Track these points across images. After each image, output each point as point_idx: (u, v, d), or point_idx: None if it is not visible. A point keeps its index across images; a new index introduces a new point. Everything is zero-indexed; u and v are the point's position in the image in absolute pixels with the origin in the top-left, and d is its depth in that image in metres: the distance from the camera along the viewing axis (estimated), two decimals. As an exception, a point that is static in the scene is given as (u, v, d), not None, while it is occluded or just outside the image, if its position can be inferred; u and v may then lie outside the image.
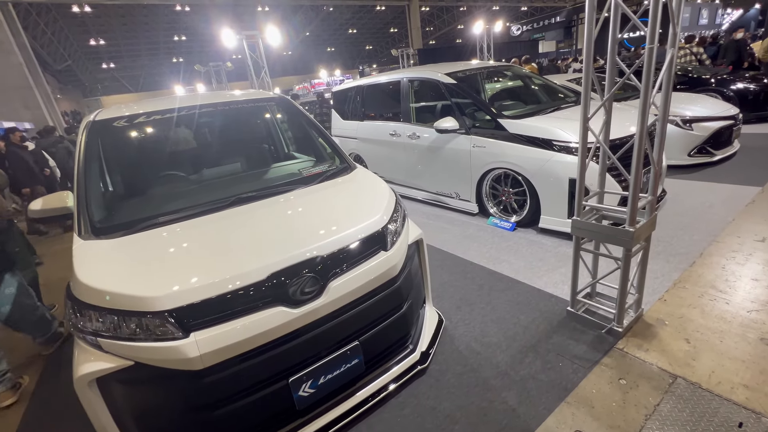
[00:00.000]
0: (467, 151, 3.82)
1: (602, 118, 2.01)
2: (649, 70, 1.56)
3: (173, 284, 1.33)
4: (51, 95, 16.32)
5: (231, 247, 1.54)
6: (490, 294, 2.61)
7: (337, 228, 1.67)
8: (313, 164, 2.44)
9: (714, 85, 6.51)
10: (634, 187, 1.76)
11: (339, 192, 2.06)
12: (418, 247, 2.10)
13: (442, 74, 4.05)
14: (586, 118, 1.87)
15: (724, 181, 3.98)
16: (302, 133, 2.78)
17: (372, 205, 1.89)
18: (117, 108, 2.47)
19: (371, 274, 1.64)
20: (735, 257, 2.60)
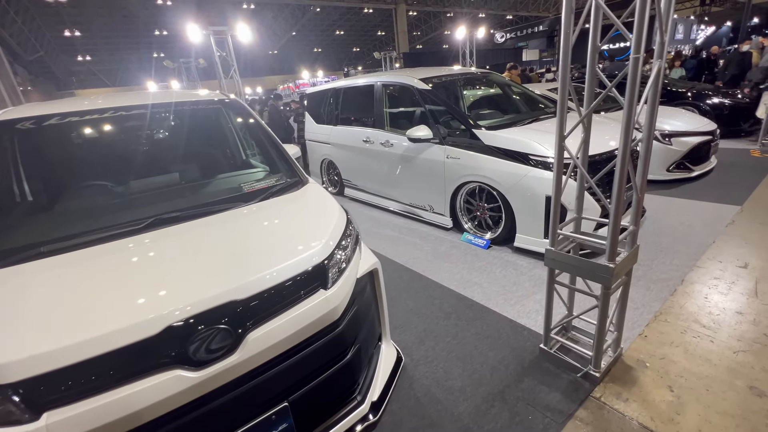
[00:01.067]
0: (441, 162, 3.58)
1: (580, 135, 1.78)
2: (634, 84, 1.34)
3: (22, 346, 1.01)
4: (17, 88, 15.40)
5: (121, 288, 1.22)
6: (457, 325, 2.35)
7: (265, 262, 1.38)
8: (258, 178, 2.13)
9: (691, 99, 6.52)
10: (615, 217, 1.54)
11: (280, 214, 1.76)
12: (372, 278, 1.82)
13: (416, 79, 3.81)
14: (562, 137, 1.64)
15: (703, 198, 3.87)
16: (252, 142, 2.47)
17: (315, 231, 1.60)
18: (27, 107, 2.10)
19: (305, 320, 1.35)
20: (717, 285, 2.43)
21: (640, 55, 1.29)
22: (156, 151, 2.36)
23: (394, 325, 2.40)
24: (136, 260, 1.36)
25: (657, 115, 4.67)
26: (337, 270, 1.52)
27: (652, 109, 1.52)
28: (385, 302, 1.91)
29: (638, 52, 1.28)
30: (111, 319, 1.11)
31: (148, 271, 1.31)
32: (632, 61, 1.31)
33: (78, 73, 36.53)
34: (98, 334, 1.06)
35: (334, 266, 1.52)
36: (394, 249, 3.54)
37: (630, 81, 1.33)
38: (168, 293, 1.21)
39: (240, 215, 1.71)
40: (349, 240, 1.71)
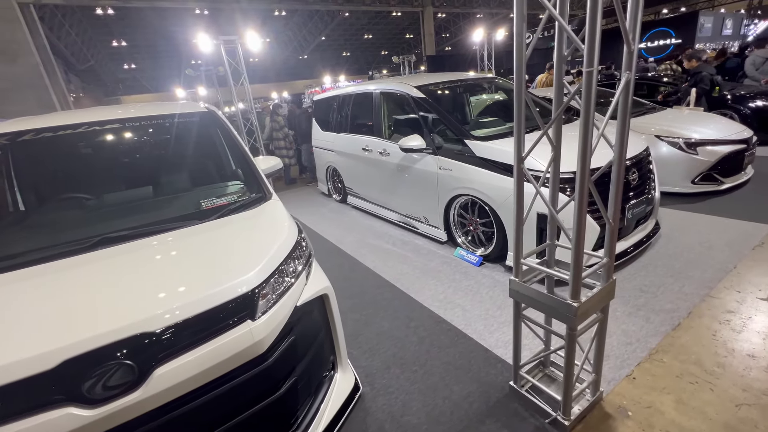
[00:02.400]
0: (434, 173, 3.42)
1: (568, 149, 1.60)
2: (588, 100, 1.16)
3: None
4: (67, 95, 16.67)
5: (25, 319, 1.20)
6: (429, 351, 2.20)
7: (187, 292, 1.31)
8: (220, 194, 2.09)
9: (730, 102, 5.94)
10: (577, 248, 1.35)
11: (225, 235, 1.70)
12: (323, 303, 1.72)
13: (411, 86, 3.68)
14: (520, 157, 1.47)
15: (731, 215, 3.47)
16: (223, 155, 2.44)
17: (252, 256, 1.52)
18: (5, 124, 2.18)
19: (222, 355, 1.27)
20: (730, 321, 2.13)
21: (594, 69, 1.11)
22: (121, 168, 2.34)
23: (364, 349, 2.29)
24: (52, 286, 1.34)
25: (678, 119, 4.25)
26: (270, 299, 1.44)
27: (623, 126, 1.32)
28: (339, 328, 1.80)
29: (591, 65, 1.10)
30: (3, 351, 1.07)
31: (61, 299, 1.27)
32: (585, 77, 1.13)
33: (124, 81, 39.06)
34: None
35: (266, 295, 1.43)
36: (384, 262, 3.42)
37: (584, 97, 1.16)
38: (72, 324, 1.17)
39: (185, 236, 1.67)
40: (294, 264, 1.62)
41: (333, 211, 5.28)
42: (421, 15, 21.38)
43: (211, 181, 2.30)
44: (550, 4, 1.20)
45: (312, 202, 5.88)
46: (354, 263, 3.50)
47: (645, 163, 2.99)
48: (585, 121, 1.18)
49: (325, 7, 21.70)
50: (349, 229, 4.40)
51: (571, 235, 1.35)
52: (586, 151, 1.22)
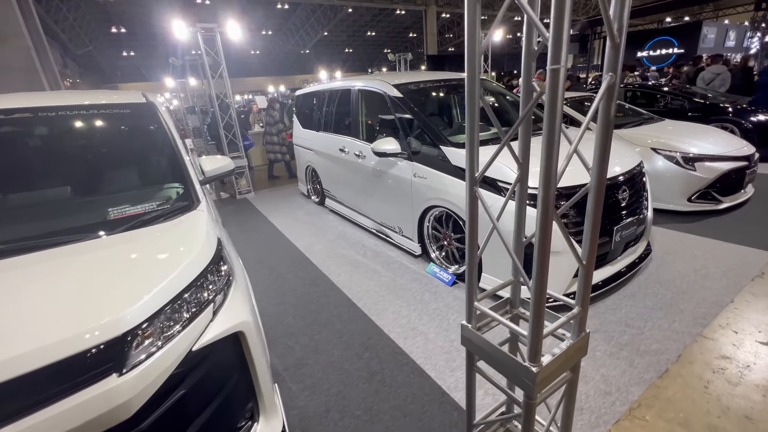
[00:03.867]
0: (409, 180, 3.13)
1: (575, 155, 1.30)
2: (553, 105, 0.86)
3: None
4: (60, 80, 16.25)
5: None
6: (378, 391, 1.90)
7: (27, 336, 1.01)
8: (138, 201, 1.78)
9: (731, 115, 5.69)
10: (537, 304, 1.05)
11: (120, 254, 1.39)
12: (240, 341, 1.42)
13: (389, 85, 3.38)
14: (474, 179, 1.17)
15: (730, 238, 3.19)
16: (152, 155, 2.13)
17: (139, 285, 1.22)
18: None
19: (66, 424, 0.97)
20: (726, 370, 1.85)
21: (561, 66, 0.81)
22: (22, 166, 1.98)
23: (305, 384, 1.99)
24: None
25: (677, 132, 3.94)
26: (152, 344, 1.13)
27: (604, 141, 1.03)
28: (262, 370, 1.50)
29: (557, 62, 0.81)
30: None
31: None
32: (550, 75, 0.83)
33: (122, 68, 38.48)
34: None
35: (146, 339, 1.13)
36: (350, 277, 3.12)
37: (548, 102, 0.86)
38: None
39: (69, 254, 1.36)
40: (199, 295, 1.32)
41: (310, 214, 4.97)
42: (424, 14, 21.07)
43: (130, 186, 1.98)
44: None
45: (290, 203, 5.57)
46: (318, 276, 3.19)
47: (638, 179, 2.70)
48: (549, 132, 0.89)
49: (328, 1, 21.37)
50: (321, 236, 4.10)
51: (531, 277, 1.05)
52: (550, 172, 0.92)
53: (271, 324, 2.54)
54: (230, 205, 5.80)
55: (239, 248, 4.03)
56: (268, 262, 3.56)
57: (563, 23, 0.78)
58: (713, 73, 6.85)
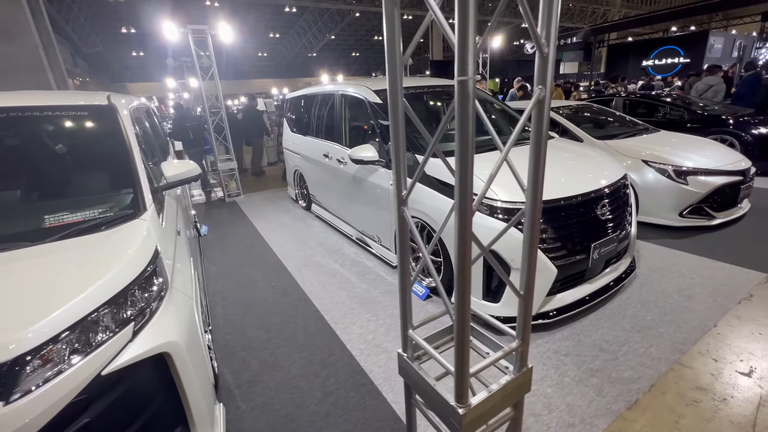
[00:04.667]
0: (386, 188, 3.04)
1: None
2: (464, 119, 0.77)
3: None
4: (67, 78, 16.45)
5: None
6: (329, 415, 1.80)
7: None
8: (80, 207, 1.70)
9: (732, 127, 5.53)
10: (460, 337, 0.95)
11: (43, 265, 1.31)
12: (167, 363, 1.32)
13: (370, 91, 3.30)
14: (401, 199, 1.08)
15: (720, 256, 3.05)
16: (105, 160, 2.05)
17: (45, 302, 1.13)
18: None
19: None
20: (700, 402, 1.72)
21: (469, 78, 0.72)
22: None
23: (256, 403, 1.89)
24: None
25: (671, 144, 3.82)
26: (48, 369, 1.05)
27: (537, 161, 0.93)
28: (195, 393, 1.40)
29: (464, 73, 0.71)
30: None
31: None
32: (458, 88, 0.73)
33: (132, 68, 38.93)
34: None
35: (43, 364, 1.04)
36: (323, 287, 3.03)
37: (458, 113, 0.76)
38: None
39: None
40: (117, 314, 1.23)
41: (296, 219, 4.89)
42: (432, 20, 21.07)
43: (76, 191, 1.90)
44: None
45: (278, 207, 5.50)
46: (291, 285, 3.10)
47: (619, 193, 2.58)
48: (461, 148, 0.79)
49: (335, 5, 21.46)
50: (302, 243, 4.01)
51: (454, 302, 0.95)
52: (466, 190, 0.82)
53: (232, 336, 2.45)
54: (218, 208, 5.74)
55: (217, 253, 3.98)
56: (244, 269, 3.48)
57: (468, 31, 0.68)
58: (706, 84, 6.77)
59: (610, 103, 6.54)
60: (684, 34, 18.12)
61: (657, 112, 6.32)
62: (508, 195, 2.22)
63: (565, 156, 2.86)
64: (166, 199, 2.25)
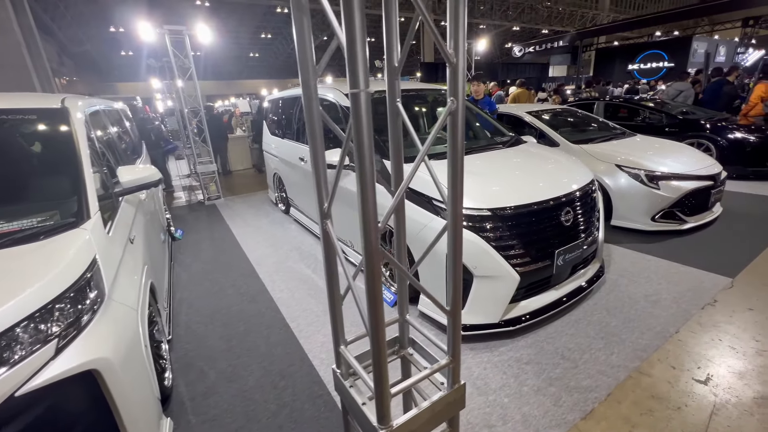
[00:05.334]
0: (352, 194, 3.00)
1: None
2: (359, 131, 0.74)
3: None
4: (52, 77, 16.10)
5: None
6: (281, 428, 1.75)
7: None
8: (18, 216, 1.64)
9: (709, 131, 5.61)
10: (377, 357, 0.91)
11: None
12: (96, 381, 1.27)
13: (341, 93, 3.26)
14: (324, 210, 1.05)
15: (688, 261, 3.07)
16: (51, 166, 1.98)
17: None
18: None
19: None
20: (654, 412, 1.71)
21: (361, 91, 0.69)
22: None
23: (207, 416, 1.84)
24: None
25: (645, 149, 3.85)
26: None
27: (456, 172, 0.90)
28: (132, 411, 1.35)
29: (356, 86, 0.68)
30: None
31: None
32: (352, 100, 0.70)
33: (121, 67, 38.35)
34: None
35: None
36: (292, 294, 2.98)
37: (354, 125, 0.73)
38: None
39: None
40: (37, 330, 1.17)
41: (273, 222, 4.83)
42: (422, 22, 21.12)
43: (15, 198, 1.83)
44: None
45: (257, 210, 5.43)
46: (260, 291, 3.05)
47: (586, 199, 2.57)
48: (360, 162, 0.76)
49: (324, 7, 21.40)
50: (277, 247, 3.96)
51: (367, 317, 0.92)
52: (367, 198, 0.79)
53: (192, 346, 2.39)
54: (196, 211, 5.64)
55: (189, 258, 3.90)
56: (213, 274, 3.41)
57: (356, 42, 0.65)
58: (676, 89, 6.95)
59: (592, 107, 6.60)
60: (668, 39, 18.44)
61: (637, 116, 6.39)
62: (471, 202, 2.20)
63: (531, 161, 2.85)
64: (121, 205, 2.19)
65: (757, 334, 2.17)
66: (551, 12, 25.09)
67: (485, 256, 2.13)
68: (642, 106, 6.37)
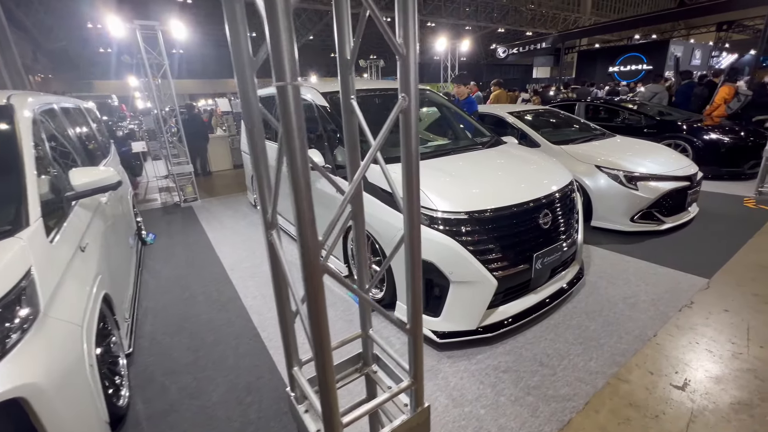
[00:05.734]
0: (332, 196, 2.90)
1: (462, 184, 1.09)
2: (288, 127, 0.64)
3: None
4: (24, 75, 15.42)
5: None
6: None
7: None
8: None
9: (685, 132, 5.70)
10: (324, 377, 0.82)
11: None
12: (21, 409, 1.13)
13: (317, 93, 3.15)
14: (268, 220, 0.95)
15: (666, 262, 3.08)
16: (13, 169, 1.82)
17: None
18: None
19: None
20: (631, 421, 1.67)
21: (287, 84, 0.59)
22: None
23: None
24: None
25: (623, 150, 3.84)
26: None
27: (410, 176, 0.82)
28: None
29: (282, 78, 0.59)
30: None
31: None
32: (277, 92, 0.61)
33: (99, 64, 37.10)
34: None
35: None
36: (265, 300, 2.85)
37: (282, 121, 0.64)
38: None
39: None
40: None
41: (251, 225, 4.68)
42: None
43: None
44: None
45: (235, 212, 5.27)
46: (232, 298, 2.91)
47: (565, 201, 2.53)
48: (292, 161, 0.67)
49: (311, 6, 21.16)
50: (252, 251, 3.82)
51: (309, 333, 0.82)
52: (301, 200, 0.70)
53: (155, 359, 2.25)
54: (171, 214, 5.44)
55: (160, 264, 3.71)
56: (184, 280, 3.26)
57: (280, 33, 0.56)
58: (651, 91, 7.20)
59: (573, 108, 6.65)
60: (647, 42, 18.90)
61: (617, 117, 6.47)
62: (447, 205, 2.13)
63: (510, 163, 2.80)
64: (74, 210, 2.03)
65: (733, 336, 2.16)
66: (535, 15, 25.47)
67: (462, 261, 2.06)
68: (621, 107, 6.45)
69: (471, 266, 2.06)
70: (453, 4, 23.51)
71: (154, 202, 6.26)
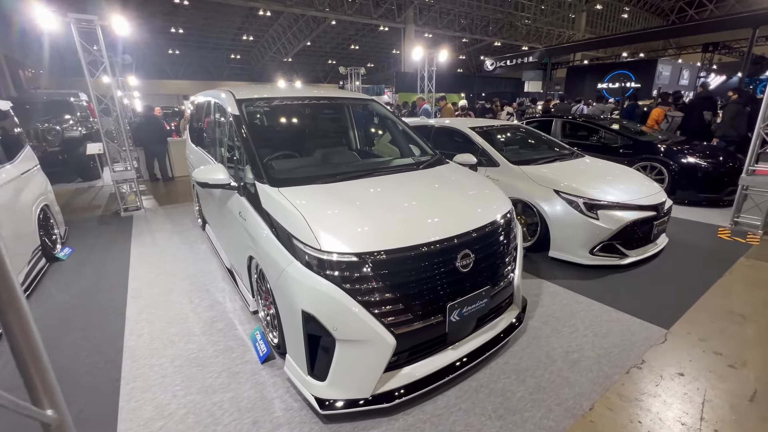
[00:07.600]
0: (236, 218, 2.49)
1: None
2: None
3: None
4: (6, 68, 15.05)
5: None
6: None
7: None
8: None
9: (663, 155, 5.38)
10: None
11: None
12: None
13: (231, 99, 2.75)
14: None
15: (622, 305, 2.70)
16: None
17: None
18: None
19: None
20: None
21: None
22: None
23: None
24: None
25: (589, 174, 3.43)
26: None
27: None
28: None
29: None
30: None
31: None
32: None
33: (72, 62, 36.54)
34: None
35: None
36: (152, 340, 2.42)
37: None
38: None
39: None
40: None
41: (184, 242, 4.24)
42: (403, 32, 21.13)
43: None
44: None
45: (176, 225, 4.82)
46: (112, 337, 2.47)
47: (495, 237, 2.12)
48: None
49: (309, 12, 21.02)
50: (169, 274, 3.38)
51: None
52: None
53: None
54: (106, 224, 4.98)
55: (57, 287, 3.09)
56: (73, 311, 2.81)
57: None
58: (600, 109, 7.65)
59: (549, 125, 6.35)
60: (636, 60, 18.88)
61: (593, 136, 6.16)
62: (335, 244, 1.71)
63: (438, 189, 2.38)
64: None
65: (684, 413, 1.77)
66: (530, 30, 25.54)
67: (349, 315, 1.64)
68: (597, 125, 6.14)
69: (360, 321, 1.65)
70: (448, 16, 23.51)
71: (97, 210, 5.79)
